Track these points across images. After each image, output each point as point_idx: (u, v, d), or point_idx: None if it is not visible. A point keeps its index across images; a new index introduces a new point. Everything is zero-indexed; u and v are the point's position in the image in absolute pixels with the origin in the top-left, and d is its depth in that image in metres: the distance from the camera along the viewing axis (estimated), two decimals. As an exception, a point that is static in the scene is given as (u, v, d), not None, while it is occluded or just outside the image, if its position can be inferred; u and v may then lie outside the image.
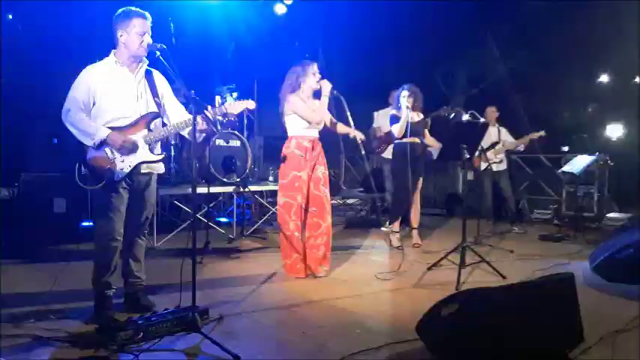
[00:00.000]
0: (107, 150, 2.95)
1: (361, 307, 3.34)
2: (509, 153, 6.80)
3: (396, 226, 5.46)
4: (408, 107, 5.19)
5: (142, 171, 3.09)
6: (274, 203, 6.92)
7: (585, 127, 9.26)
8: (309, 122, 4.05)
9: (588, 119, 9.91)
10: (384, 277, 4.09)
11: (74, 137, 2.96)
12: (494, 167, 6.56)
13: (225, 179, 5.87)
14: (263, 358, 2.50)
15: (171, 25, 5.19)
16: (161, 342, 2.59)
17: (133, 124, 3.02)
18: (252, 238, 5.89)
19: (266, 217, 6.59)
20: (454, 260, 4.13)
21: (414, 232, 5.55)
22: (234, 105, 3.11)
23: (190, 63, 4.15)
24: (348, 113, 4.13)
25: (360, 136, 4.29)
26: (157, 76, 3.21)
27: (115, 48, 3.07)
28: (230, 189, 5.86)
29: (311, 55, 8.93)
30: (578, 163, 6.51)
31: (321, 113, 4.09)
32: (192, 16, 6.74)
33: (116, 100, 3.00)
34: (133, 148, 2.98)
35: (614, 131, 9.14)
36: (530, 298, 2.41)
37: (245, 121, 6.72)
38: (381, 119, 6.61)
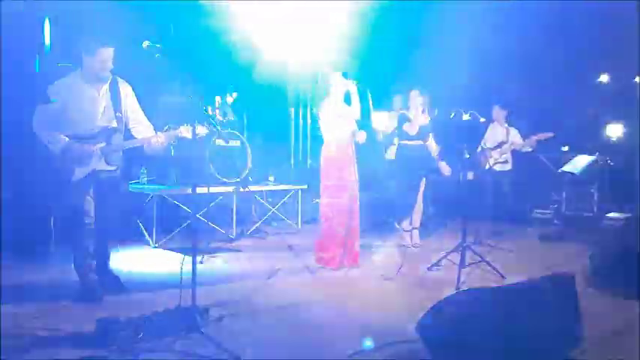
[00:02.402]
0: (67, 158, 3.30)
1: (361, 307, 3.34)
2: (514, 153, 6.74)
3: (406, 225, 5.51)
4: (419, 108, 5.28)
5: (101, 176, 3.44)
6: (274, 203, 6.93)
7: (585, 127, 9.25)
8: (345, 121, 4.38)
9: (588, 119, 9.91)
10: (385, 278, 4.08)
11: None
12: (499, 167, 6.51)
13: (225, 179, 5.87)
14: (263, 358, 2.50)
15: (171, 25, 5.19)
16: (161, 342, 2.59)
17: (94, 136, 3.36)
18: (252, 238, 5.88)
19: (266, 217, 6.59)
20: (454, 260, 4.13)
21: (415, 232, 5.56)
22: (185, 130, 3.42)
23: (190, 63, 4.16)
24: (372, 108, 4.48)
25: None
26: (123, 89, 3.49)
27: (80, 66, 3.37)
28: (230, 189, 5.86)
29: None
30: (578, 163, 6.50)
31: (355, 111, 4.44)
32: (192, 16, 6.74)
33: (80, 114, 3.32)
34: (88, 158, 3.33)
35: (614, 131, 9.13)
36: (530, 298, 2.41)
37: (245, 121, 6.71)
38: (380, 121, 6.59)
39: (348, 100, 4.51)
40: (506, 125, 6.52)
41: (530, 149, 6.63)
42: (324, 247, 4.42)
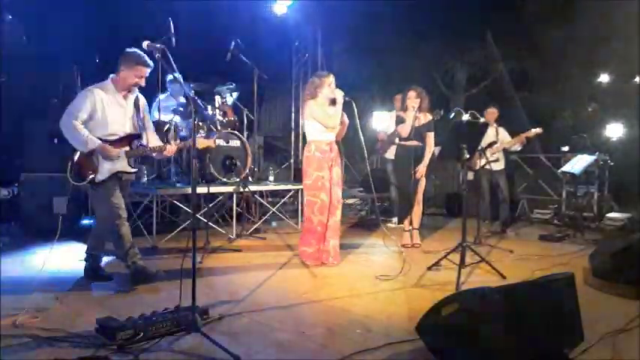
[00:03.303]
0: (94, 157, 3.57)
1: (361, 307, 3.34)
2: (507, 153, 6.74)
3: (406, 225, 5.52)
4: (414, 108, 5.28)
5: (124, 178, 3.76)
6: (274, 203, 6.94)
7: (585, 127, 9.26)
8: (325, 127, 4.44)
9: (588, 119, 9.92)
10: (385, 278, 4.08)
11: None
12: (494, 167, 6.50)
13: (225, 179, 5.87)
14: (263, 358, 2.50)
15: (171, 25, 5.19)
16: (161, 342, 2.59)
17: (120, 140, 3.66)
18: (252, 238, 5.88)
19: (266, 217, 6.59)
20: (454, 260, 4.13)
21: (415, 232, 5.56)
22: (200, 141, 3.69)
23: (190, 63, 4.17)
24: (358, 120, 4.39)
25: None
26: (141, 101, 3.86)
27: (114, 73, 3.68)
28: (230, 189, 5.86)
29: (311, 55, 8.95)
30: (578, 163, 6.50)
31: (336, 119, 4.45)
32: (192, 15, 6.74)
33: (110, 119, 3.62)
34: (116, 159, 3.62)
35: (614, 131, 9.14)
36: (530, 298, 2.41)
37: (245, 121, 6.71)
38: (382, 121, 6.61)
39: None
40: (496, 125, 6.51)
41: (519, 148, 6.63)
42: (306, 242, 4.55)
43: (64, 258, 4.45)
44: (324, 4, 8.65)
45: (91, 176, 3.57)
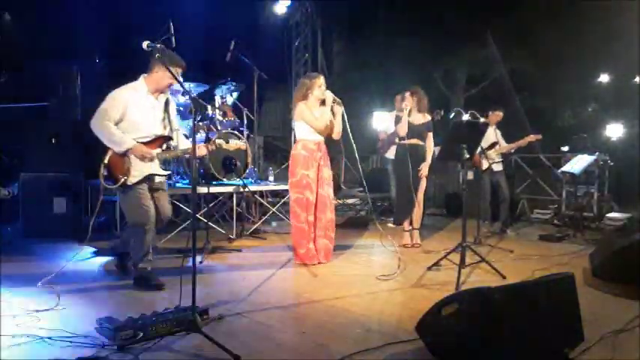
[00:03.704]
0: (127, 158, 3.50)
1: (361, 307, 3.34)
2: (506, 153, 6.74)
3: (406, 225, 5.52)
4: (406, 107, 5.32)
5: (156, 180, 3.71)
6: (274, 203, 6.93)
7: (585, 127, 9.27)
8: (313, 128, 4.49)
9: (588, 119, 9.92)
10: (385, 278, 4.08)
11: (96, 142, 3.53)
12: (495, 167, 6.51)
13: (225, 179, 5.87)
14: (263, 358, 2.50)
15: (171, 25, 5.19)
16: (161, 342, 2.59)
17: (152, 142, 3.61)
18: (252, 238, 5.88)
19: (266, 217, 6.59)
20: (454, 260, 4.13)
21: (415, 233, 5.56)
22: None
23: (190, 63, 4.18)
24: (347, 124, 4.45)
25: None
26: (171, 104, 3.82)
27: (145, 73, 3.62)
28: (230, 189, 5.86)
29: (311, 55, 8.96)
30: (578, 163, 6.50)
31: (324, 120, 4.50)
32: (192, 15, 6.74)
33: (142, 121, 3.56)
34: (150, 160, 3.57)
35: (614, 131, 9.14)
36: (530, 298, 2.41)
37: (245, 121, 6.71)
38: (382, 121, 6.61)
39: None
40: (494, 127, 6.51)
41: (512, 151, 6.64)
42: (297, 244, 4.55)
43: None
44: (325, 4, 8.66)
45: (122, 179, 3.51)
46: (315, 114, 4.50)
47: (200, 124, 5.84)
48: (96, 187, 6.23)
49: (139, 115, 3.55)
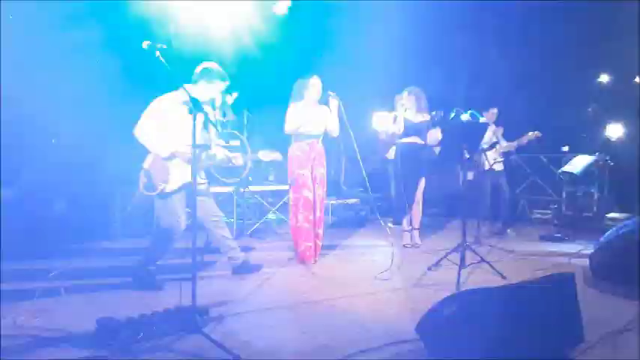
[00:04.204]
0: (167, 166, 3.59)
1: (361, 307, 3.34)
2: (507, 153, 6.74)
3: (406, 225, 5.53)
4: (402, 106, 5.38)
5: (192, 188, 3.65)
6: (274, 203, 6.93)
7: (585, 127, 9.26)
8: (286, 126, 4.57)
9: (588, 119, 9.91)
10: (382, 278, 4.08)
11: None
12: (496, 167, 6.51)
13: (225, 179, 5.86)
14: (263, 358, 2.50)
15: (171, 25, 5.19)
16: (161, 342, 2.59)
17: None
18: (252, 238, 5.88)
19: (266, 217, 6.59)
20: (454, 260, 4.13)
21: (415, 232, 5.56)
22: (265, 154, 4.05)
23: (190, 63, 4.19)
24: (345, 117, 4.46)
25: None
26: (210, 115, 3.89)
27: (188, 83, 3.74)
28: (230, 189, 5.86)
29: (312, 55, 8.94)
30: (578, 163, 6.50)
31: (315, 124, 4.57)
32: (192, 16, 6.74)
33: (180, 130, 3.56)
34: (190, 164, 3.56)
35: (614, 131, 9.13)
36: (530, 298, 2.41)
37: (245, 121, 6.71)
38: (382, 121, 6.60)
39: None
40: (494, 126, 6.51)
41: (513, 149, 6.63)
42: (296, 243, 4.63)
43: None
44: (325, 5, 8.66)
45: (161, 187, 3.60)
46: (305, 115, 4.53)
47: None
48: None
49: (178, 123, 3.61)
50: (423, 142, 5.43)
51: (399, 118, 5.34)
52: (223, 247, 4.04)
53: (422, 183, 5.48)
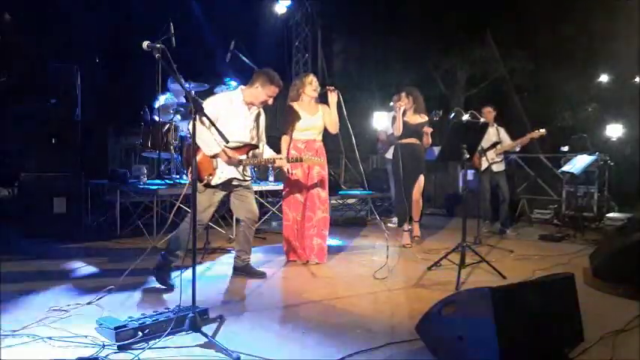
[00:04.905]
0: (214, 161, 3.69)
1: (361, 307, 3.35)
2: (507, 153, 6.73)
3: (406, 225, 5.52)
4: (400, 107, 5.36)
5: (234, 183, 3.85)
6: (274, 203, 6.93)
7: (585, 127, 9.26)
8: (282, 129, 4.59)
9: (588, 119, 9.91)
10: (384, 278, 4.08)
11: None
12: (495, 168, 6.49)
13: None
14: (263, 357, 2.50)
15: (171, 25, 5.20)
16: (161, 342, 2.59)
17: (239, 148, 3.80)
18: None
19: (266, 217, 6.59)
20: (454, 260, 4.13)
21: (415, 225, 5.57)
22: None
23: (190, 63, 4.19)
24: (345, 113, 4.43)
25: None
26: (262, 117, 4.04)
27: (244, 85, 3.92)
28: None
29: (311, 55, 8.96)
30: (578, 163, 6.50)
31: (310, 126, 4.56)
32: (192, 16, 6.75)
33: (231, 129, 3.59)
34: (237, 164, 3.77)
35: (614, 131, 9.13)
36: (530, 298, 2.41)
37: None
38: (382, 121, 6.61)
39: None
40: (496, 125, 6.49)
41: (518, 148, 6.62)
42: (285, 241, 4.67)
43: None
44: (324, 4, 8.66)
45: (207, 178, 3.68)
46: (303, 115, 4.51)
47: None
48: (95, 187, 6.25)
49: (230, 122, 3.68)
50: (420, 142, 5.44)
51: (398, 119, 5.34)
52: (239, 243, 4.06)
53: (421, 181, 5.48)
